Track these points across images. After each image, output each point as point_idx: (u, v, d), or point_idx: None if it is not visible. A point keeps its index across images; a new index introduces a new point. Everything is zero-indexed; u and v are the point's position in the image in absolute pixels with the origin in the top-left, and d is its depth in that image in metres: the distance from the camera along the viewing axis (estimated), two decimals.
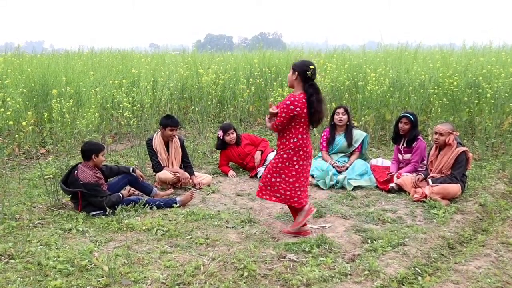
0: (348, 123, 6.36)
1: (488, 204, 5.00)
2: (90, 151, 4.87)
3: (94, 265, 3.51)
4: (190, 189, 5.68)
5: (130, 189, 5.39)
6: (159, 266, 3.55)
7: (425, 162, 5.83)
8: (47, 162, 6.65)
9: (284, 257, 3.71)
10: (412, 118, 5.85)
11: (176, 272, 3.41)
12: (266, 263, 3.61)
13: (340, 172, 6.00)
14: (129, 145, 8.16)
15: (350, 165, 6.09)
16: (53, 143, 7.31)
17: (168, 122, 5.83)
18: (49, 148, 7.50)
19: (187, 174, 5.84)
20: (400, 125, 5.94)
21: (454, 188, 5.20)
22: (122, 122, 7.46)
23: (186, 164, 6.03)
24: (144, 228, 4.35)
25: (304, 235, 4.23)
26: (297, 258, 3.71)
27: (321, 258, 3.68)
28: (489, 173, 6.32)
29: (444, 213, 4.75)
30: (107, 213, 4.66)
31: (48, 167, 6.34)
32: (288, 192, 4.17)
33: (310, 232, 4.28)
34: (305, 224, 4.28)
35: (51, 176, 5.56)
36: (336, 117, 6.32)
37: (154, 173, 6.00)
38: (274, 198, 4.23)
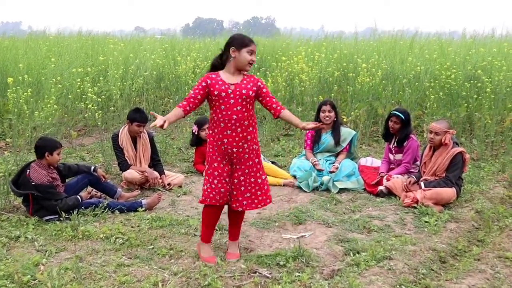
0: (335, 119, 6.11)
1: (485, 211, 4.81)
2: (43, 148, 4.58)
3: (38, 280, 3.26)
4: (159, 190, 5.43)
5: (91, 190, 5.14)
6: (113, 282, 3.31)
7: (417, 162, 5.64)
8: (3, 157, 6.36)
9: (255, 272, 3.50)
10: (403, 116, 5.62)
11: None
12: (234, 279, 3.40)
13: (320, 171, 5.77)
14: (98, 139, 7.87)
15: (339, 164, 5.85)
16: (12, 137, 7.01)
17: (136, 117, 5.56)
18: (8, 142, 7.21)
19: (156, 174, 5.59)
20: (390, 123, 5.72)
21: (448, 192, 5.01)
22: (87, 115, 7.15)
23: (155, 162, 5.78)
24: (101, 236, 4.09)
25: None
26: (270, 273, 3.49)
27: (297, 274, 3.47)
28: (487, 175, 6.16)
29: (436, 221, 4.56)
30: (61, 218, 4.41)
31: (3, 163, 6.05)
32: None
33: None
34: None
35: (4, 174, 5.27)
36: (322, 114, 6.00)
37: (121, 172, 5.75)
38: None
